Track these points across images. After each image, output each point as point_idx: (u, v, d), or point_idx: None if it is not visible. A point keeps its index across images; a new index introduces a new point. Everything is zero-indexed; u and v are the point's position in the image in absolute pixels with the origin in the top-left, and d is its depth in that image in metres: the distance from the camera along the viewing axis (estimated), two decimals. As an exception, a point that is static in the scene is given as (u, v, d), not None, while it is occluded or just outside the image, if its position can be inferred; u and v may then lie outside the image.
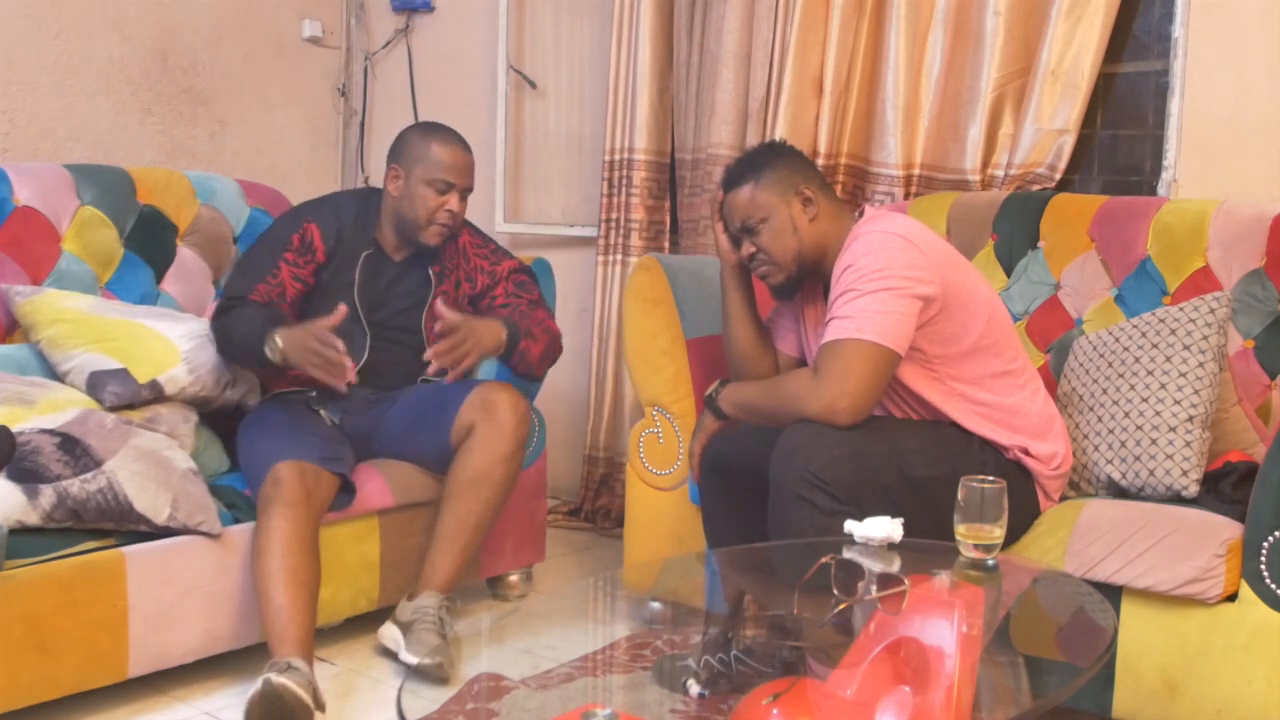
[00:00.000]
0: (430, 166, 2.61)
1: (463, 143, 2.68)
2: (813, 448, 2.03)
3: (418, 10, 4.13)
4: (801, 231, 2.26)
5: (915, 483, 2.07)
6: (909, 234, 2.16)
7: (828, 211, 2.28)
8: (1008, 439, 2.20)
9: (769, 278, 2.31)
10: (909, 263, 2.12)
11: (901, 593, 1.56)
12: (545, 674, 1.84)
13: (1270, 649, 1.92)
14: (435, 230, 2.64)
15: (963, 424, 2.19)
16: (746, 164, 2.32)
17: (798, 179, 2.28)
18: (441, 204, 2.62)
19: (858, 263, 2.12)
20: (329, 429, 2.60)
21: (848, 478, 2.01)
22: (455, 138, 2.67)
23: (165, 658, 2.29)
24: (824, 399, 2.06)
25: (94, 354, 2.45)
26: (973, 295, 2.21)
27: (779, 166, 2.28)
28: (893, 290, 2.09)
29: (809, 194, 2.26)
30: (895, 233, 2.15)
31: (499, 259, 2.84)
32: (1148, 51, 2.90)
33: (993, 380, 2.21)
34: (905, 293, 2.10)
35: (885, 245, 2.13)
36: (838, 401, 2.06)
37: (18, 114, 3.35)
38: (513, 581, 2.98)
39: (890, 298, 2.09)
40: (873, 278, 2.09)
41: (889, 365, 2.10)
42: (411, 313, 2.73)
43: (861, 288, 2.10)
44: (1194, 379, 2.24)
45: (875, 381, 2.08)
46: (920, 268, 2.12)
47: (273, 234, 2.68)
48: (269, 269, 2.60)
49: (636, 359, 2.70)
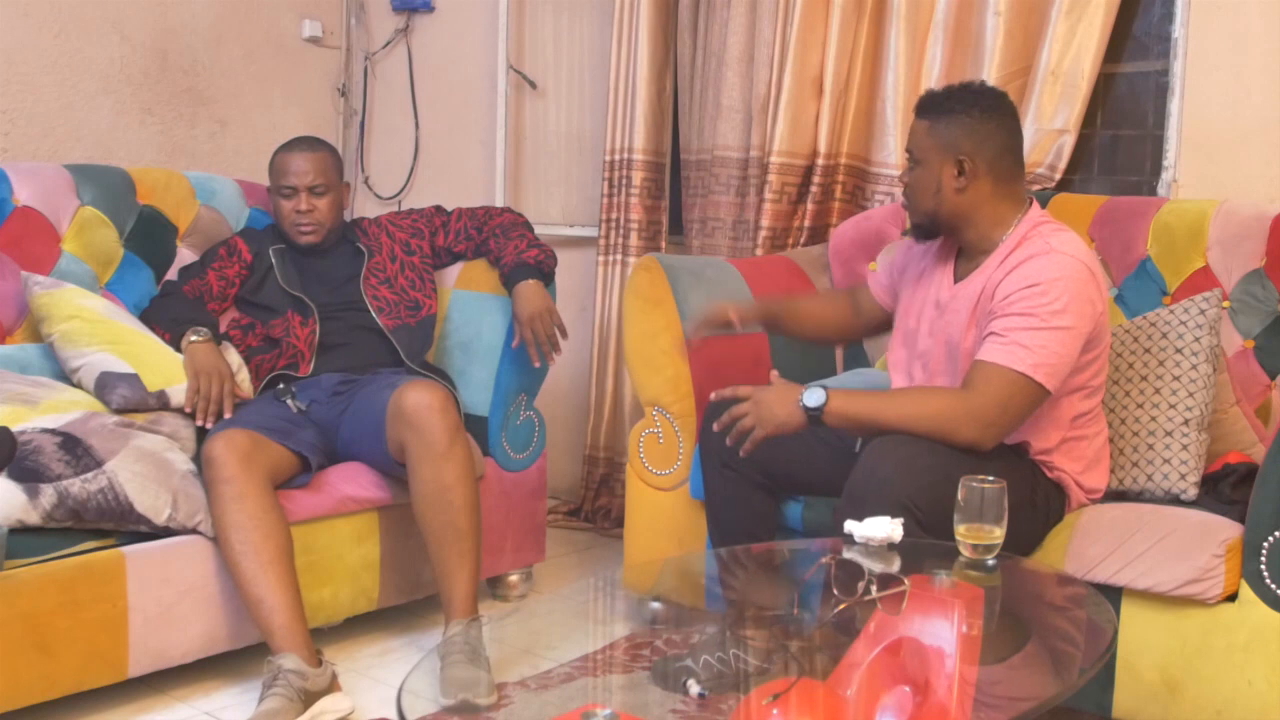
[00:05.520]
0: (275, 177, 2.86)
1: (306, 145, 2.86)
2: (910, 473, 1.96)
3: (418, 10, 4.13)
4: (944, 195, 2.16)
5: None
6: (1094, 266, 2.11)
7: (986, 193, 2.16)
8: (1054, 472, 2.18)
9: (908, 210, 2.26)
10: (1090, 300, 2.06)
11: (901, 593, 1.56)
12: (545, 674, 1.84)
13: (1270, 649, 1.92)
14: (298, 233, 2.83)
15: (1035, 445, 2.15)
16: (942, 100, 2.19)
17: (969, 144, 2.14)
18: (292, 207, 2.81)
19: (1046, 287, 2.03)
20: (291, 413, 2.60)
21: (935, 503, 1.93)
22: (298, 144, 2.87)
23: (165, 658, 2.29)
24: (978, 426, 2.01)
25: (107, 354, 2.46)
26: (1104, 334, 2.17)
27: (961, 123, 2.14)
28: (1072, 330, 2.03)
29: (970, 166, 2.14)
30: (1085, 262, 2.08)
31: (419, 217, 3.01)
32: (1148, 51, 2.90)
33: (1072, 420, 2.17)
34: (1079, 334, 2.05)
35: (1075, 276, 2.05)
36: (989, 431, 2.02)
37: (18, 114, 3.35)
38: (513, 581, 2.98)
39: (1069, 338, 2.03)
40: (1060, 312, 2.02)
41: (1040, 405, 2.06)
42: (348, 286, 2.83)
43: (1046, 321, 2.01)
44: (1188, 382, 2.24)
45: (1025, 418, 2.06)
46: (1097, 306, 2.08)
47: (209, 249, 2.91)
48: (198, 273, 2.83)
49: (636, 359, 2.70)
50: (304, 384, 2.69)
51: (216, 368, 2.54)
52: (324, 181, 2.82)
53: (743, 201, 3.26)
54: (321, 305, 2.79)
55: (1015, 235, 2.15)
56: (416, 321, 2.84)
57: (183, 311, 2.68)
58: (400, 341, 2.77)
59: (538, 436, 2.97)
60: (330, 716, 2.18)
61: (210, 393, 2.49)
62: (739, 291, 2.75)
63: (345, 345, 2.77)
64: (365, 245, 2.89)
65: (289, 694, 2.12)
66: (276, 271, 2.82)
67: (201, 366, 2.52)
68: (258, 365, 2.71)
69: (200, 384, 2.50)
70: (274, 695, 2.11)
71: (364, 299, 2.81)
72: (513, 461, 2.91)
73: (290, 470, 2.46)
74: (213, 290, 2.80)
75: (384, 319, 2.80)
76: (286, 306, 2.77)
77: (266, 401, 2.63)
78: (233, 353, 2.65)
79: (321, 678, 2.19)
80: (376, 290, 2.84)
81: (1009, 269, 2.10)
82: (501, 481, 2.87)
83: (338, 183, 2.88)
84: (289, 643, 2.19)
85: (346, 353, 2.76)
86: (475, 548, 2.42)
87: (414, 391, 2.45)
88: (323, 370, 2.73)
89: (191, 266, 2.86)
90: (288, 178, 2.81)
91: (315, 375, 2.72)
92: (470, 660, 2.20)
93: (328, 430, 2.62)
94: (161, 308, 2.73)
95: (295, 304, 2.77)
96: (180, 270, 2.87)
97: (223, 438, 2.33)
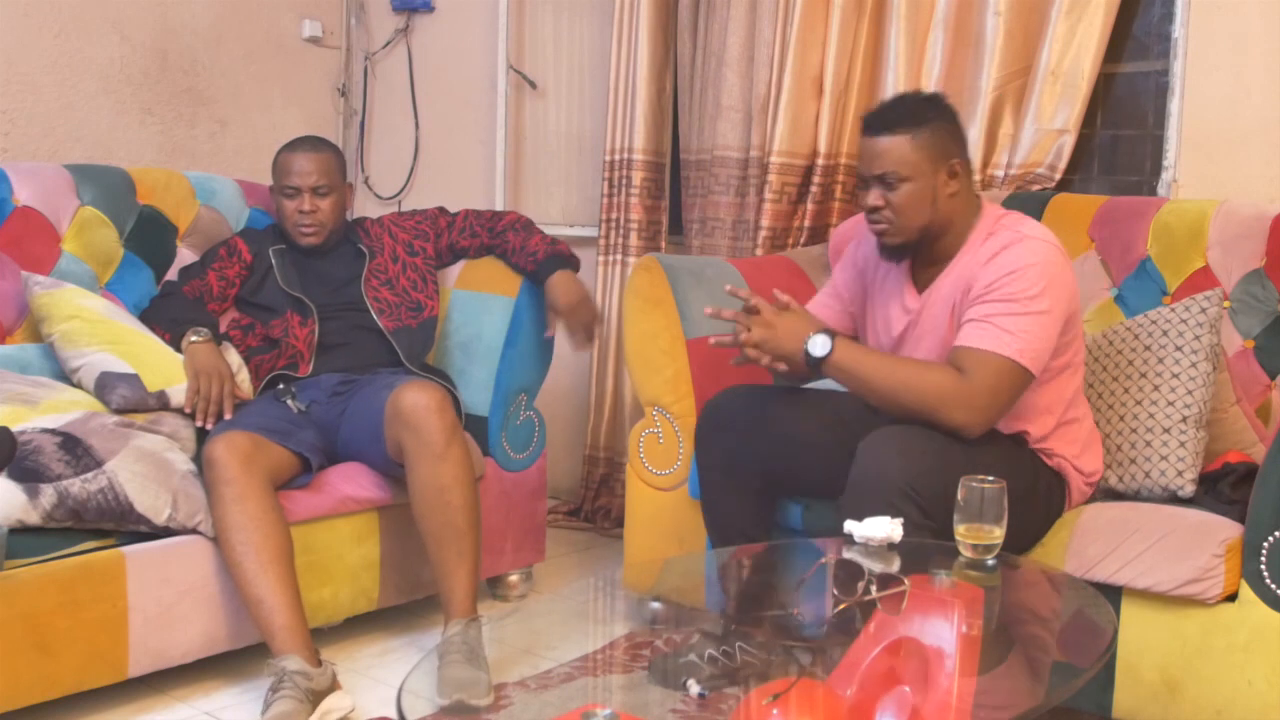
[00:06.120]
0: (278, 176, 2.84)
1: (310, 145, 2.86)
2: (908, 456, 1.97)
3: (418, 10, 4.13)
4: (939, 205, 2.14)
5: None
6: (1062, 249, 2.13)
7: (965, 190, 2.18)
8: (1052, 458, 2.19)
9: (885, 236, 2.18)
10: (1066, 283, 2.09)
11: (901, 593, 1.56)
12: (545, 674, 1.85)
13: (1270, 649, 1.92)
14: (300, 233, 2.82)
15: (1033, 433, 2.16)
16: (906, 112, 2.15)
17: (953, 148, 2.15)
18: (295, 207, 2.80)
19: (1024, 272, 2.05)
20: (292, 414, 2.60)
21: (937, 490, 1.94)
22: (302, 143, 2.87)
23: (165, 658, 2.28)
24: (968, 411, 2.02)
25: (107, 354, 2.46)
26: (1078, 319, 2.19)
27: (939, 129, 2.14)
28: (1051, 314, 2.05)
29: (957, 169, 2.15)
30: (1057, 246, 2.11)
31: (424, 218, 3.00)
32: (1148, 51, 2.90)
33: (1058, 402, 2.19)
34: (1058, 317, 2.07)
35: (1050, 260, 2.08)
36: (978, 416, 2.02)
37: (18, 114, 3.35)
38: (513, 581, 2.98)
39: (1049, 321, 2.05)
40: (1038, 297, 2.04)
41: (1025, 389, 2.08)
42: (349, 287, 2.83)
43: (1027, 306, 2.04)
44: (1187, 379, 2.24)
45: (1012, 404, 2.07)
46: (1071, 288, 2.10)
47: (210, 249, 2.90)
48: (198, 273, 2.83)
49: (636, 359, 2.69)
50: (304, 384, 2.70)
51: (216, 368, 2.54)
52: (327, 182, 2.82)
53: (743, 201, 3.27)
54: (321, 305, 2.78)
55: (981, 229, 2.17)
56: (418, 323, 2.84)
57: (182, 312, 2.68)
58: (400, 343, 2.78)
59: (538, 436, 2.97)
60: (336, 715, 2.18)
61: (210, 393, 2.49)
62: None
63: (345, 345, 2.77)
64: (367, 246, 2.90)
65: (298, 695, 2.12)
66: (276, 272, 2.82)
67: (201, 367, 2.52)
68: (257, 365, 2.71)
69: (200, 384, 2.50)
70: (284, 698, 2.11)
71: (364, 300, 2.81)
72: (513, 461, 2.91)
73: (291, 471, 2.47)
74: (212, 290, 2.81)
75: (384, 320, 2.80)
76: (286, 307, 2.77)
77: (266, 402, 2.63)
78: (233, 353, 2.65)
79: (324, 677, 2.19)
80: (378, 292, 2.84)
81: (983, 260, 2.11)
82: (501, 481, 2.87)
83: (341, 183, 2.88)
84: (290, 644, 2.19)
85: (346, 353, 2.76)
86: (474, 547, 2.42)
87: (411, 392, 2.45)
88: (322, 370, 2.73)
89: (191, 267, 2.86)
90: (291, 178, 2.81)
91: (315, 375, 2.72)
92: (468, 660, 2.20)
93: (327, 430, 2.62)
94: (161, 308, 2.73)
95: (294, 304, 2.77)
96: (180, 270, 2.87)
97: (223, 439, 2.33)
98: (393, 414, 2.46)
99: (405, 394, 2.44)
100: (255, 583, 2.23)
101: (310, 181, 2.80)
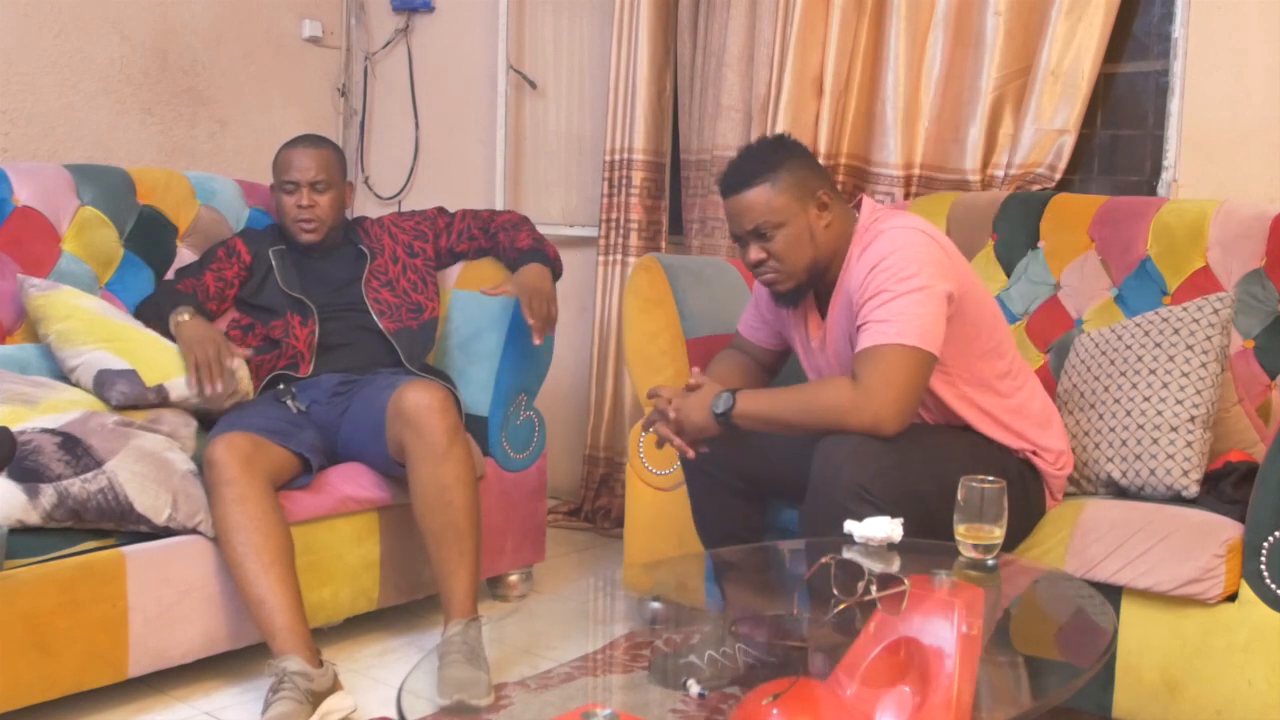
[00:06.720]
0: (278, 172, 2.85)
1: (310, 142, 2.87)
2: (860, 459, 1.97)
3: (418, 10, 4.13)
4: (818, 239, 2.16)
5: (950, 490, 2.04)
6: (929, 231, 2.12)
7: (839, 215, 2.19)
8: (1015, 441, 2.19)
9: (776, 285, 2.21)
10: (935, 260, 2.07)
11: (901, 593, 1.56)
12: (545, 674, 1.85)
13: (1270, 649, 1.92)
14: (298, 229, 2.82)
15: (975, 426, 2.18)
16: (758, 162, 2.17)
17: (814, 182, 2.17)
18: (294, 203, 2.81)
19: (886, 261, 2.05)
20: (292, 414, 2.60)
21: (894, 489, 1.95)
22: (303, 140, 2.88)
23: (165, 658, 2.29)
24: (870, 410, 2.00)
25: (104, 352, 2.46)
26: (982, 296, 2.19)
27: (795, 168, 2.16)
28: (926, 290, 2.03)
29: (825, 199, 2.17)
30: (918, 229, 2.11)
31: (423, 219, 3.00)
32: (1148, 51, 2.90)
33: (998, 381, 2.20)
34: (936, 292, 2.05)
35: (911, 242, 2.08)
36: (883, 411, 2.00)
37: (18, 114, 3.35)
38: (513, 581, 2.98)
39: (924, 298, 2.03)
40: (905, 278, 2.03)
41: (929, 368, 2.05)
42: (350, 288, 2.83)
43: (894, 289, 2.03)
44: (1196, 379, 2.24)
45: (918, 387, 2.04)
46: (945, 266, 2.08)
47: (208, 250, 2.91)
48: (194, 274, 2.84)
49: (636, 359, 2.70)
50: (304, 384, 2.70)
51: (207, 335, 2.56)
52: (326, 178, 2.82)
53: (743, 201, 3.26)
54: (321, 306, 2.79)
55: (857, 243, 2.17)
56: (418, 324, 2.84)
57: (165, 300, 2.71)
58: (401, 344, 2.78)
59: (538, 436, 2.97)
60: (337, 715, 2.18)
61: (207, 357, 2.51)
62: (738, 291, 2.74)
63: (345, 346, 2.77)
64: (368, 247, 2.90)
65: (298, 696, 2.12)
66: (276, 273, 2.82)
67: (192, 337, 2.54)
68: (258, 366, 2.71)
69: (196, 353, 2.51)
70: (284, 699, 2.11)
71: (365, 301, 2.81)
72: (513, 461, 2.91)
73: (291, 471, 2.47)
74: (209, 291, 2.81)
75: (385, 321, 2.80)
76: (286, 308, 2.77)
77: (267, 402, 2.63)
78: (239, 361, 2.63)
79: (324, 678, 2.19)
80: (378, 293, 2.84)
81: (856, 269, 2.12)
82: (501, 481, 2.87)
83: (340, 181, 2.88)
84: (291, 644, 2.19)
85: (347, 353, 2.76)
86: (475, 548, 2.42)
87: (413, 391, 2.44)
88: (323, 371, 2.73)
89: (188, 267, 2.86)
90: (290, 173, 2.81)
91: (315, 376, 2.72)
92: (468, 660, 2.20)
93: (328, 431, 2.62)
94: (149, 304, 2.74)
95: (295, 305, 2.78)
96: (176, 271, 2.87)
97: (224, 440, 2.33)
98: (395, 414, 2.46)
99: (408, 394, 2.44)
100: (256, 583, 2.23)
101: (309, 176, 2.80)
